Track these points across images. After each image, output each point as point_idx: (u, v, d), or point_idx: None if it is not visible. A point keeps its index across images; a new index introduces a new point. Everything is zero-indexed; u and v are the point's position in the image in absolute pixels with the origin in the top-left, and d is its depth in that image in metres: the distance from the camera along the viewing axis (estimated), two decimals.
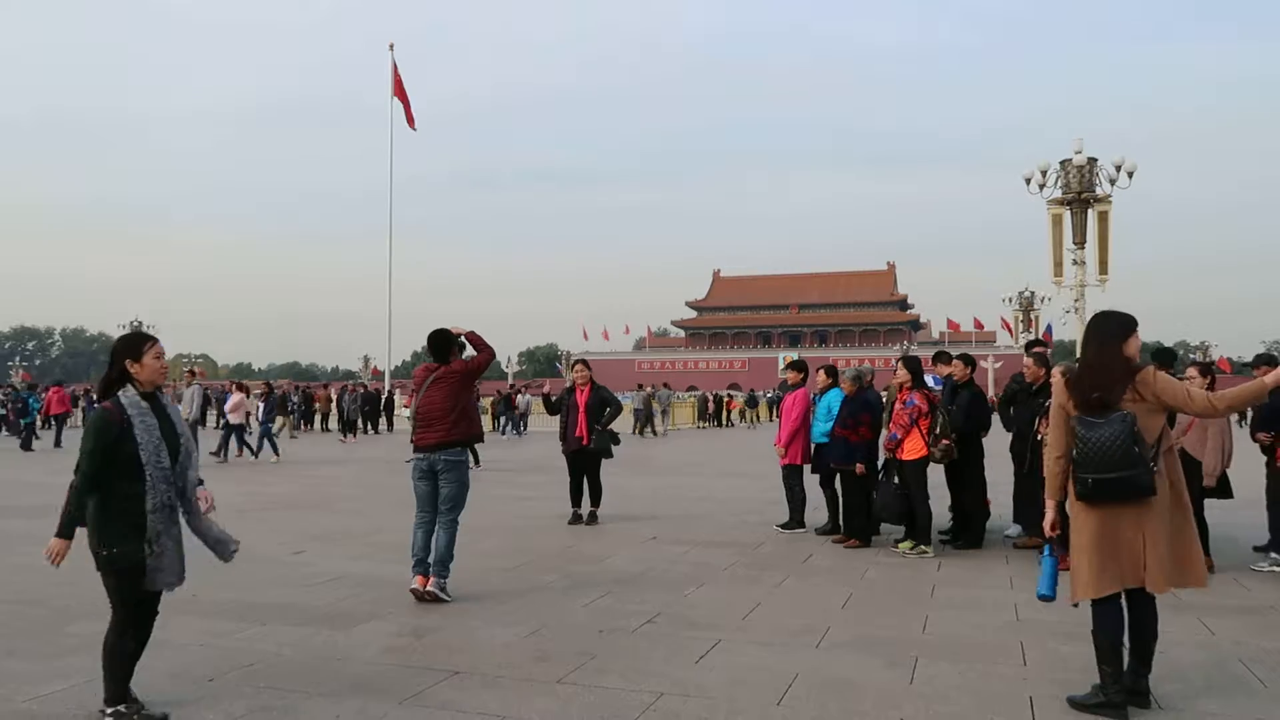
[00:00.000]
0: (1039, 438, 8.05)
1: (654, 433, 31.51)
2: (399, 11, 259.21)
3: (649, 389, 33.71)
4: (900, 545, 8.40)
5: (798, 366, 10.10)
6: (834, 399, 9.27)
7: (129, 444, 3.90)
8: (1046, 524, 4.45)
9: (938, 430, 8.29)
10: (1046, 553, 4.49)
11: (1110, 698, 4.17)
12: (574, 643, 5.36)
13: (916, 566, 7.77)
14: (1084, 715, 4.18)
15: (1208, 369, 7.91)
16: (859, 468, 8.70)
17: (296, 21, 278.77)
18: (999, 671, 4.84)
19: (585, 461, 10.37)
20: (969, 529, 8.77)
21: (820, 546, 8.72)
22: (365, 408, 29.24)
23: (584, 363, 10.73)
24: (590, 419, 10.21)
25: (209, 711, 4.21)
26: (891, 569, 7.68)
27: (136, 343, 4.11)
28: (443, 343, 6.65)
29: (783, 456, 9.79)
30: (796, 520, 9.63)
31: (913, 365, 8.62)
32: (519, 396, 32.02)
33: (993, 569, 7.64)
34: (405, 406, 26.35)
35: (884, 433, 8.67)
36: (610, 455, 10.40)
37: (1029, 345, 9.49)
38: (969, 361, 9.23)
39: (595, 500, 10.36)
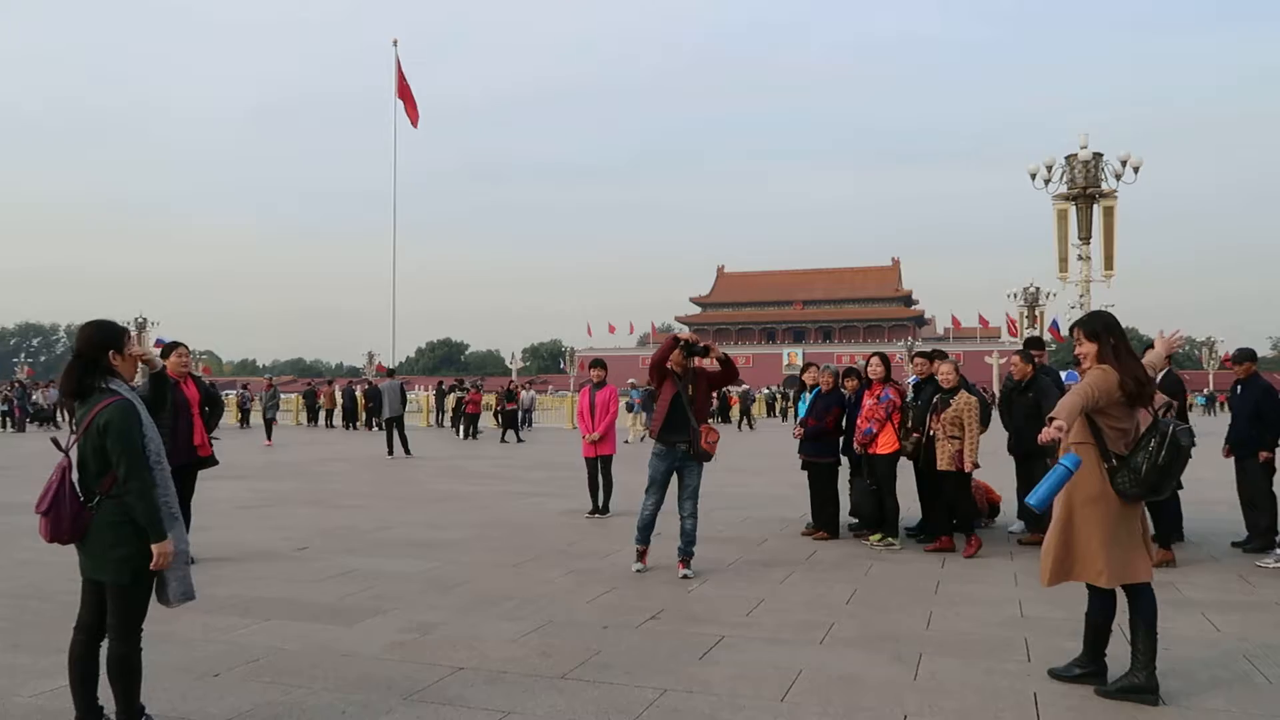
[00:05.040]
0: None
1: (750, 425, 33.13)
2: (403, 8, 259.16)
3: (743, 386, 36.29)
4: (871, 538, 8.57)
5: (600, 364, 10.75)
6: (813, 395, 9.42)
7: (145, 441, 3.65)
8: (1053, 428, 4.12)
9: (909, 424, 8.42)
10: (1074, 464, 4.13)
11: (1095, 668, 4.50)
12: (578, 639, 5.37)
13: (920, 563, 7.76)
14: (1078, 700, 4.19)
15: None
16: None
17: (301, 18, 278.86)
18: (1003, 667, 4.84)
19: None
20: (940, 522, 8.76)
21: (824, 543, 8.73)
22: (271, 404, 25.87)
23: (181, 345, 7.60)
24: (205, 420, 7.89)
25: (214, 706, 4.22)
26: (895, 565, 7.67)
27: (118, 333, 3.76)
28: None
29: (597, 444, 10.38)
30: (603, 507, 10.49)
31: (885, 361, 8.76)
32: (523, 393, 32.01)
33: (997, 565, 7.63)
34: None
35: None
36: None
37: (1029, 342, 9.41)
38: (936, 357, 9.23)
39: None
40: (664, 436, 7.17)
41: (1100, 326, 4.50)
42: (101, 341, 3.71)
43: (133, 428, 3.58)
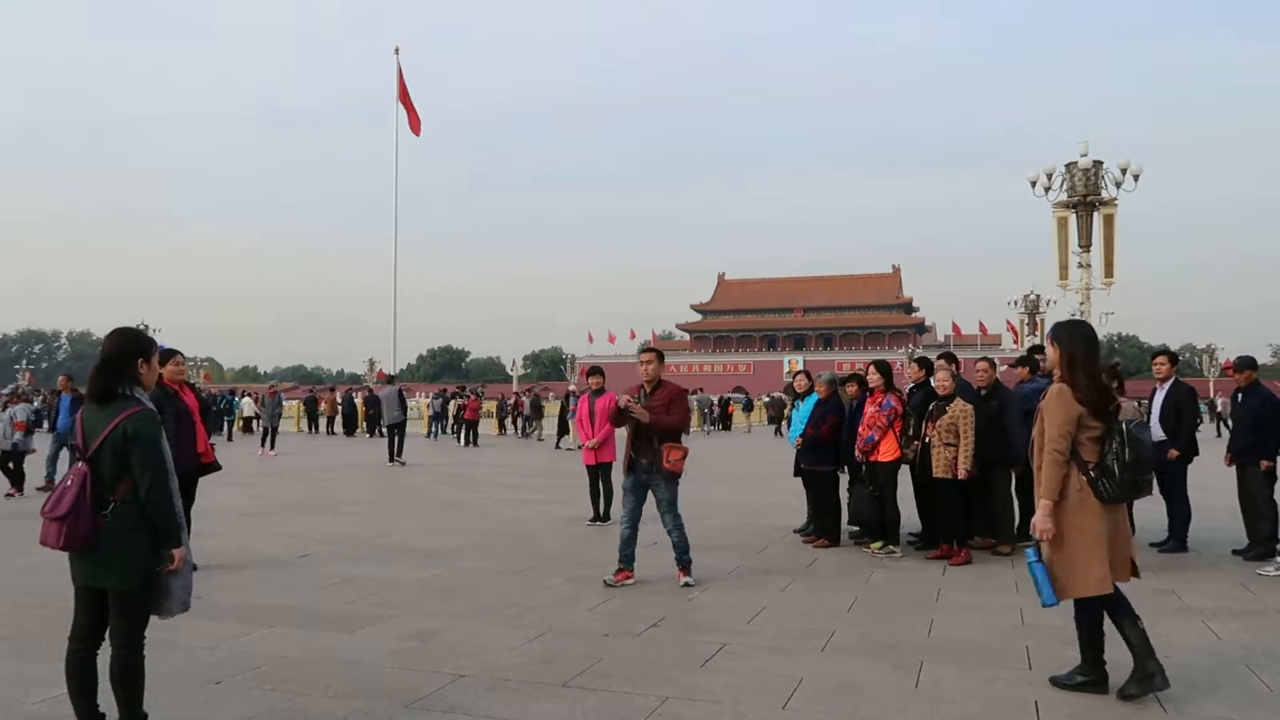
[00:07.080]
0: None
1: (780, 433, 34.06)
2: (403, 17, 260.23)
3: (777, 394, 38.36)
4: (872, 545, 8.57)
5: (598, 371, 10.80)
6: (810, 403, 9.44)
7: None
8: (1044, 525, 4.43)
9: (910, 432, 8.44)
10: (1036, 558, 4.50)
11: (1096, 676, 4.52)
12: (579, 646, 5.37)
13: (922, 570, 7.77)
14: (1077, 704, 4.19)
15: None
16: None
17: (303, 26, 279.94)
18: (1004, 675, 4.84)
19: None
20: (942, 529, 8.76)
21: (825, 550, 8.73)
22: (274, 413, 24.66)
23: (175, 352, 7.57)
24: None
25: (216, 714, 4.23)
26: (896, 573, 7.67)
27: (147, 343, 3.84)
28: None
29: (597, 451, 10.31)
30: (604, 514, 10.36)
31: (884, 369, 8.79)
32: (524, 399, 32.01)
33: (998, 573, 7.64)
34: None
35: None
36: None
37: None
38: (925, 364, 9.24)
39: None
40: (629, 455, 7.19)
41: (1071, 335, 4.59)
42: (132, 349, 3.76)
43: (158, 438, 3.65)
